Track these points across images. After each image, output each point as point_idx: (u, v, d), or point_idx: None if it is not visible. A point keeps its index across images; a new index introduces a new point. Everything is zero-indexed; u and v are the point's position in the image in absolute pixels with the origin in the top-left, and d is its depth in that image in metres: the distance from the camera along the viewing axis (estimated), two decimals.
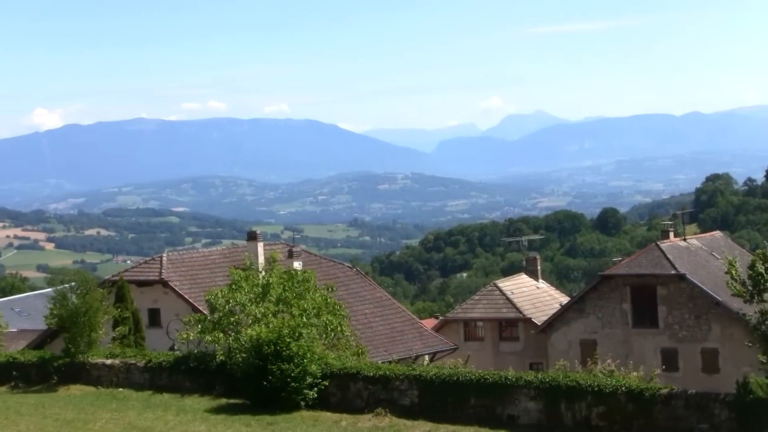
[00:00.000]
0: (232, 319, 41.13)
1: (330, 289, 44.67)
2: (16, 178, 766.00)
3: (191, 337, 42.08)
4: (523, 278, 73.64)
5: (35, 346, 53.20)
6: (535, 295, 71.13)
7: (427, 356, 58.12)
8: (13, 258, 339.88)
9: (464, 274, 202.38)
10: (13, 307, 79.71)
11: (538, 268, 75.77)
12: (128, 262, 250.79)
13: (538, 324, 65.42)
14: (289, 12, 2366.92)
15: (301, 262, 57.01)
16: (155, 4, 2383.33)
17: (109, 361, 43.34)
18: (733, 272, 34.02)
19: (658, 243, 64.24)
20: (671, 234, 68.36)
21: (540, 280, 74.55)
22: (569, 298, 69.15)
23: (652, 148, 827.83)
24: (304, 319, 39.39)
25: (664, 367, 50.89)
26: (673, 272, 60.06)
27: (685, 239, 67.82)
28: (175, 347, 46.59)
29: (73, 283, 45.39)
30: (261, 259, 52.54)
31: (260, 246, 57.12)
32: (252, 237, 58.57)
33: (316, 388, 37.14)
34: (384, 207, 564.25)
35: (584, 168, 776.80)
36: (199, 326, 41.87)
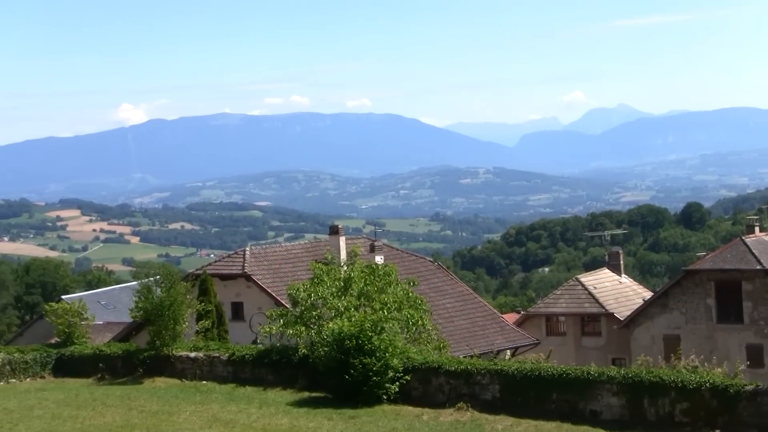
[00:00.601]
0: (314, 312, 41.32)
1: (411, 284, 44.70)
2: (103, 173, 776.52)
3: (274, 331, 42.31)
4: (606, 273, 73.15)
5: (121, 339, 53.99)
6: (617, 290, 70.62)
7: (508, 351, 58.01)
8: (99, 251, 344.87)
9: (546, 269, 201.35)
10: (99, 300, 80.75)
11: (621, 262, 75.17)
12: (212, 255, 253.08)
13: (621, 319, 64.98)
14: (371, 7, 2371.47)
15: (382, 256, 57.18)
16: (238, 0, 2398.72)
17: (193, 354, 43.71)
18: None
19: (743, 238, 63.40)
20: (756, 228, 67.28)
21: (623, 275, 73.99)
22: (652, 294, 68.60)
23: (737, 142, 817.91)
24: (386, 313, 39.45)
25: (748, 363, 50.37)
26: (758, 267, 59.31)
27: None
28: (258, 341, 46.93)
29: (157, 277, 45.89)
30: (343, 254, 52.77)
31: (342, 240, 57.41)
32: (334, 231, 58.90)
33: (397, 382, 37.15)
34: (466, 201, 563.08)
35: (668, 162, 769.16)
36: (282, 320, 42.09)
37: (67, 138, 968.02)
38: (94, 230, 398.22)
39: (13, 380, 44.75)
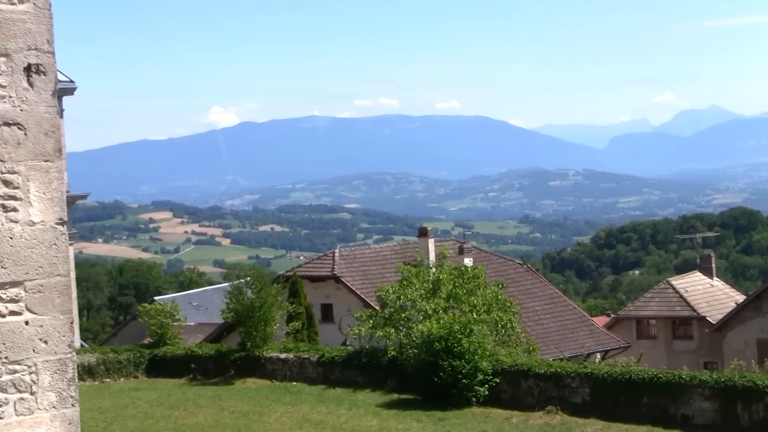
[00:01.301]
0: (403, 314, 41.45)
1: (500, 286, 44.69)
2: (194, 175, 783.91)
3: (363, 333, 42.53)
4: (697, 276, 72.51)
5: (212, 340, 54.60)
6: (709, 293, 69.96)
7: (598, 354, 57.70)
8: (191, 253, 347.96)
9: (636, 272, 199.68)
10: (191, 301, 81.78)
11: (713, 265, 74.47)
12: (301, 257, 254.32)
13: (713, 323, 64.32)
14: (461, 8, 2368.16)
15: (471, 259, 57.25)
16: (327, 2, 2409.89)
17: (283, 356, 44.02)
18: None
19: None
20: None
21: (714, 278, 73.26)
22: (745, 297, 67.79)
23: None
24: (475, 316, 39.47)
25: None
26: None
27: None
28: (347, 342, 47.16)
29: (248, 278, 46.31)
30: (432, 256, 52.92)
31: (431, 242, 57.60)
32: (423, 233, 59.16)
33: (487, 385, 37.14)
34: (555, 203, 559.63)
35: (761, 164, 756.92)
36: (371, 321, 42.30)
37: (160, 141, 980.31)
38: (186, 232, 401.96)
39: (108, 380, 45.42)
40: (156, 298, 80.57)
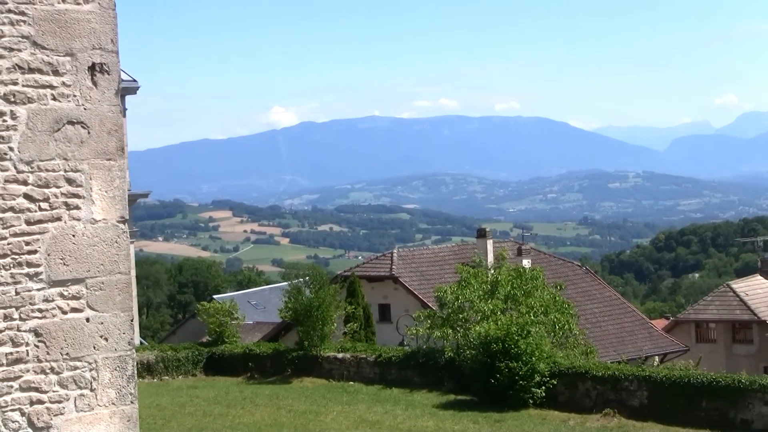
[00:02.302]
0: (460, 315, 41.45)
1: (559, 288, 44.58)
2: (254, 175, 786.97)
3: (420, 333, 42.58)
4: (758, 279, 71.81)
5: (270, 339, 54.89)
6: None
7: (657, 357, 57.38)
8: (250, 252, 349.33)
9: (696, 275, 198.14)
10: (249, 300, 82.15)
11: None
12: (360, 257, 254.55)
13: None
14: (521, 10, 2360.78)
15: (530, 260, 57.16)
16: (387, 4, 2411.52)
17: (340, 355, 44.13)
18: None
19: None
20: None
21: None
22: None
23: None
24: (532, 317, 39.39)
25: None
26: None
27: None
28: (405, 342, 47.20)
29: (307, 278, 46.48)
30: (490, 257, 52.90)
31: (489, 243, 57.53)
32: (482, 234, 59.13)
33: (544, 387, 37.04)
34: (614, 205, 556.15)
35: None
36: (429, 322, 42.34)
37: (221, 140, 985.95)
38: (245, 231, 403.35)
39: (166, 377, 45.78)
40: (215, 296, 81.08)
